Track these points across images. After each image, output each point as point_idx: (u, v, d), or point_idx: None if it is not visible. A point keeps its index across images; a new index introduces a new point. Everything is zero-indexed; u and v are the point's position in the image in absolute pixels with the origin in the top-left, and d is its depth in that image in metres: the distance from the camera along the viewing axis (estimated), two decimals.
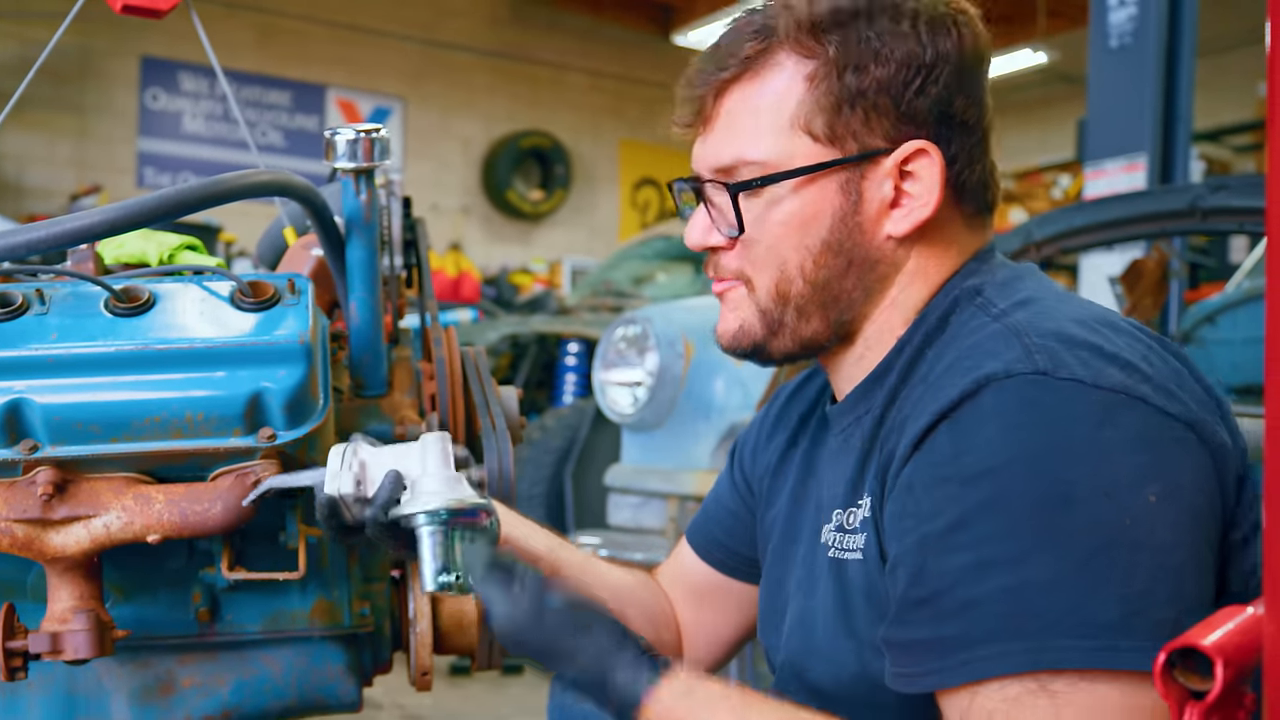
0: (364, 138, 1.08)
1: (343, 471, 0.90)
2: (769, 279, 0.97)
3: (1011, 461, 0.76)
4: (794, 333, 0.98)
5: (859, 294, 0.97)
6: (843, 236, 0.95)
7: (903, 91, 0.92)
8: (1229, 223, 2.00)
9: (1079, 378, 0.78)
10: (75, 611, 0.95)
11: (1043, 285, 0.95)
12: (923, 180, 0.94)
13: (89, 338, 0.95)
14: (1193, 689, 0.61)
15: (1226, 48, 8.63)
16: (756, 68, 0.95)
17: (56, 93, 8.58)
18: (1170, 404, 0.79)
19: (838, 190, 0.94)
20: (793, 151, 0.94)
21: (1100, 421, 0.76)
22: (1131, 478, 0.75)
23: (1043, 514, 0.74)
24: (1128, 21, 4.03)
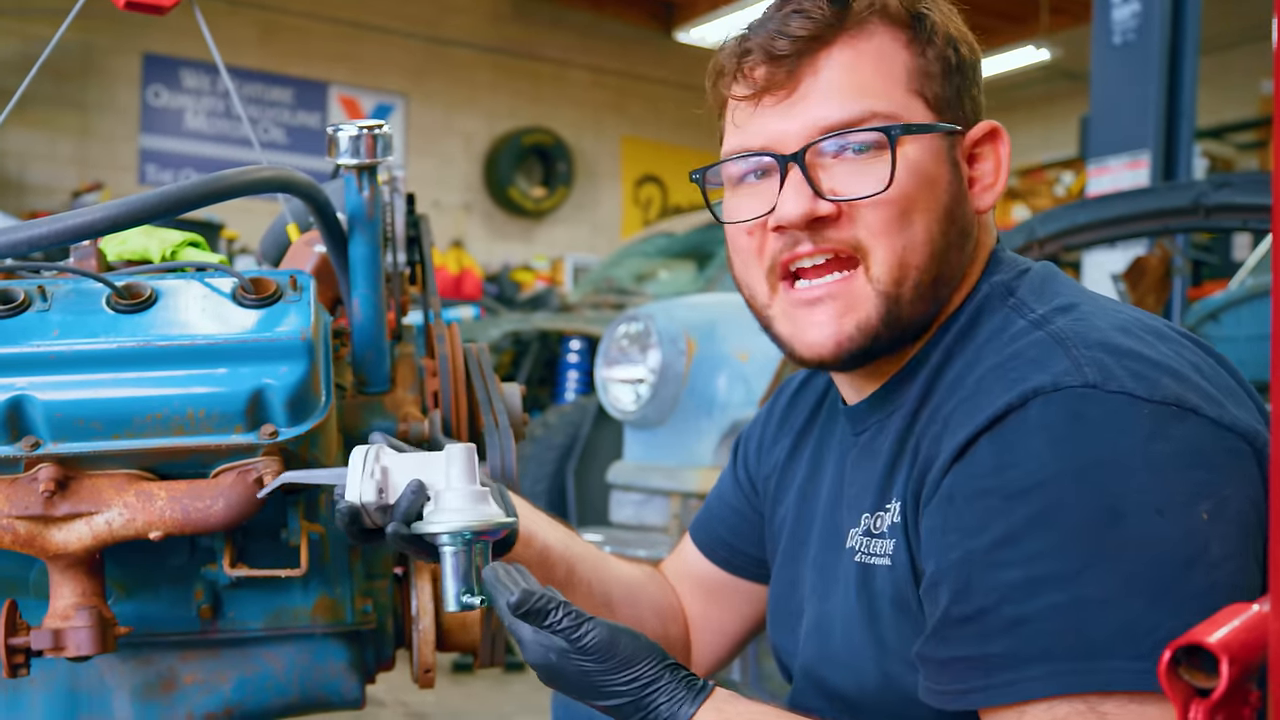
0: (366, 134, 1.07)
1: (365, 479, 0.87)
2: (894, 246, 0.89)
3: (1060, 475, 0.74)
4: (907, 319, 0.91)
5: (956, 270, 0.93)
6: (957, 203, 0.93)
7: (973, 75, 0.96)
8: (1233, 220, 1.99)
9: (1129, 390, 0.76)
10: (77, 608, 0.95)
11: (1075, 288, 0.93)
12: (989, 160, 0.96)
13: (91, 334, 0.95)
14: (1198, 686, 0.60)
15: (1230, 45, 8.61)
16: (853, 31, 0.90)
17: (58, 90, 8.58)
18: (1223, 414, 0.77)
19: (947, 157, 0.93)
20: (913, 112, 0.91)
21: (1151, 435, 0.74)
22: (1184, 494, 0.73)
23: (1094, 530, 0.72)
24: (1131, 18, 4.02)
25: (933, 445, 0.85)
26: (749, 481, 1.22)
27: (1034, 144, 11.14)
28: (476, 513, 0.85)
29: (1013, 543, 0.75)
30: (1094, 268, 4.08)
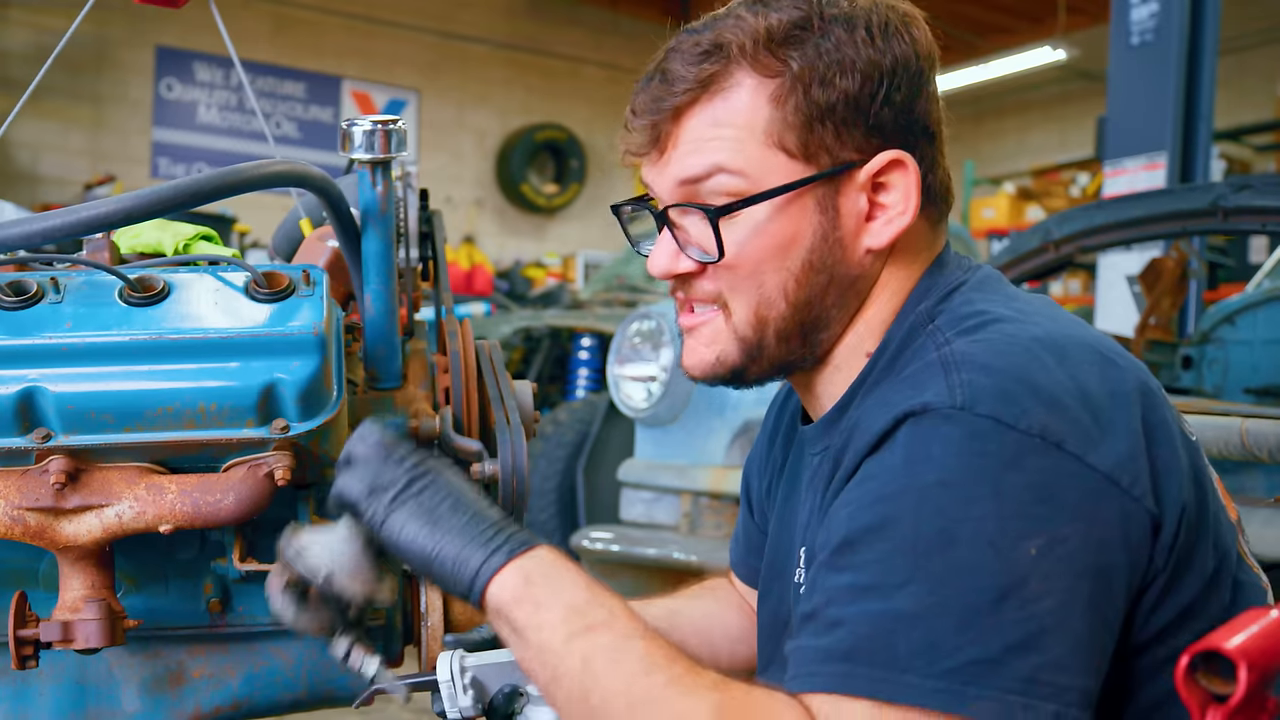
0: (380, 129, 1.07)
1: (461, 695, 0.92)
2: (748, 303, 0.93)
3: (904, 491, 0.76)
4: (772, 357, 0.95)
5: (837, 311, 0.94)
6: (824, 254, 0.92)
7: (869, 102, 0.90)
8: (1252, 222, 1.97)
9: (996, 415, 0.76)
10: (87, 600, 0.95)
11: (1006, 299, 0.91)
12: (898, 189, 0.92)
13: (103, 327, 0.95)
14: (1215, 692, 0.60)
15: (1248, 46, 8.56)
16: (714, 89, 0.90)
17: (72, 82, 8.62)
18: (1089, 451, 0.76)
19: (815, 207, 0.91)
20: (768, 169, 0.90)
21: (1007, 463, 0.74)
22: (1018, 528, 0.73)
23: (923, 549, 0.73)
24: (1149, 18, 4.00)
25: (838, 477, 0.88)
26: (753, 504, 1.22)
27: (1049, 144, 11.10)
28: None
29: (850, 549, 0.77)
30: (1109, 269, 4.06)
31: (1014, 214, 8.87)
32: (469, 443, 1.15)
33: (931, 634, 0.71)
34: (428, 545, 0.86)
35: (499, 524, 0.87)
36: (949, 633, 0.71)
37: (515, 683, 0.91)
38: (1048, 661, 0.71)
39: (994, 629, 0.70)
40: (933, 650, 0.70)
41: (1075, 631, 0.73)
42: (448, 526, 0.86)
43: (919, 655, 0.70)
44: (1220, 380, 2.87)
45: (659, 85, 0.93)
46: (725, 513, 2.74)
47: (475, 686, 0.91)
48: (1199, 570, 0.82)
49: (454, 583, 0.86)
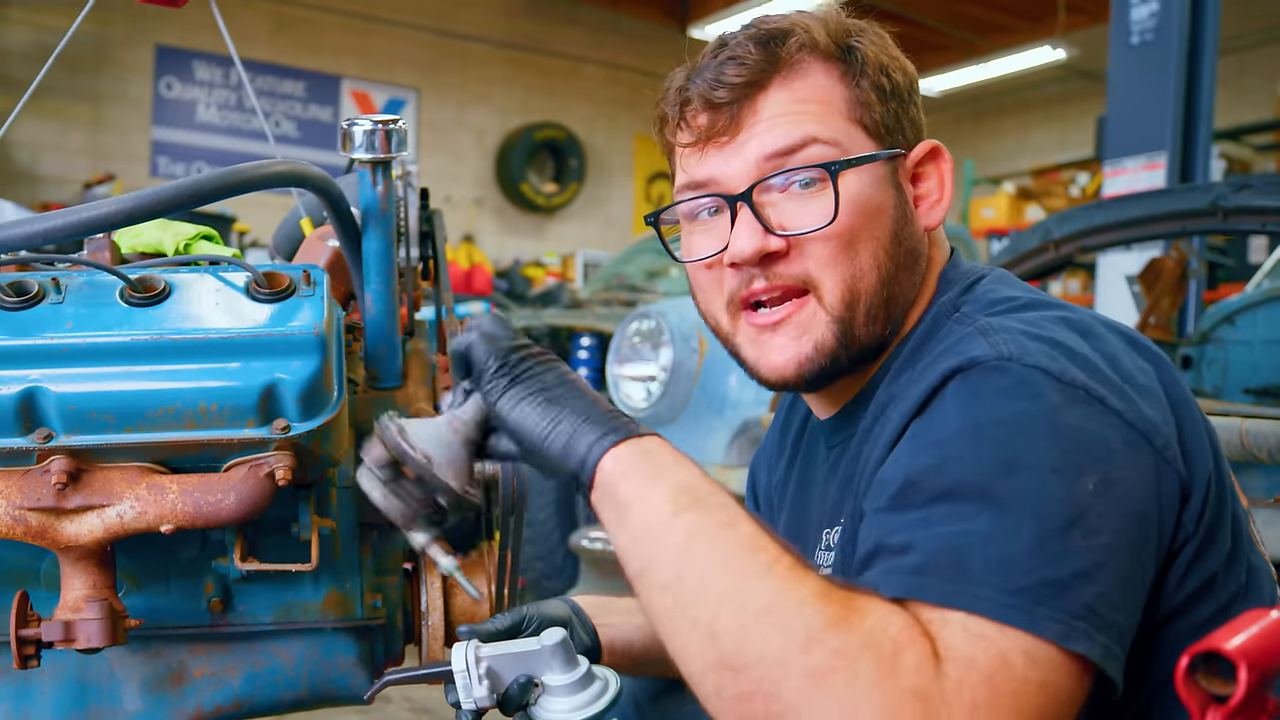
0: (381, 129, 1.07)
1: (476, 685, 0.91)
2: (843, 276, 0.94)
3: (960, 431, 0.78)
4: (862, 340, 0.95)
5: (910, 290, 0.98)
6: (902, 226, 0.96)
7: (909, 98, 0.99)
8: (1252, 222, 1.98)
9: (1043, 366, 0.79)
10: (88, 600, 0.95)
11: (1024, 291, 0.95)
12: (932, 178, 1.00)
13: (104, 327, 0.95)
14: (1215, 693, 0.60)
15: (1248, 45, 8.56)
16: (786, 71, 0.95)
17: (71, 81, 8.61)
18: (1128, 409, 0.80)
19: (890, 182, 0.97)
20: (854, 141, 0.95)
21: (1057, 406, 0.77)
22: (1077, 463, 0.75)
23: (987, 477, 0.75)
24: (1149, 18, 4.00)
25: (871, 449, 0.90)
26: (763, 498, 1.23)
27: (1050, 144, 11.10)
28: (586, 701, 0.91)
29: (912, 489, 0.78)
30: (1108, 269, 4.06)
31: (1014, 214, 8.87)
32: None
33: (1004, 552, 0.72)
34: (543, 420, 0.85)
35: (616, 411, 0.87)
36: (1022, 553, 0.71)
37: (530, 673, 0.91)
38: (1102, 594, 0.73)
39: (1063, 554, 0.72)
40: (1006, 567, 0.71)
41: (1122, 571, 0.75)
42: (566, 404, 0.86)
43: (994, 571, 0.71)
44: (1220, 380, 2.87)
45: (731, 66, 0.94)
46: None
47: (490, 677, 0.91)
48: (1221, 543, 0.85)
49: (566, 456, 0.84)
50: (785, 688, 0.69)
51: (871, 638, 0.70)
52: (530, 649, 0.92)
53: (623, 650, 1.13)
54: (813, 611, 0.71)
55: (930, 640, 0.70)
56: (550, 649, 0.91)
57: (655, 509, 0.79)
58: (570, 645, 0.92)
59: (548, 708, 0.91)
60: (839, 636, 0.70)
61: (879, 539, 0.78)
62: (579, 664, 0.92)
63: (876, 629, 0.70)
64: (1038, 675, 0.70)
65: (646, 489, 0.80)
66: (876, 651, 0.69)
